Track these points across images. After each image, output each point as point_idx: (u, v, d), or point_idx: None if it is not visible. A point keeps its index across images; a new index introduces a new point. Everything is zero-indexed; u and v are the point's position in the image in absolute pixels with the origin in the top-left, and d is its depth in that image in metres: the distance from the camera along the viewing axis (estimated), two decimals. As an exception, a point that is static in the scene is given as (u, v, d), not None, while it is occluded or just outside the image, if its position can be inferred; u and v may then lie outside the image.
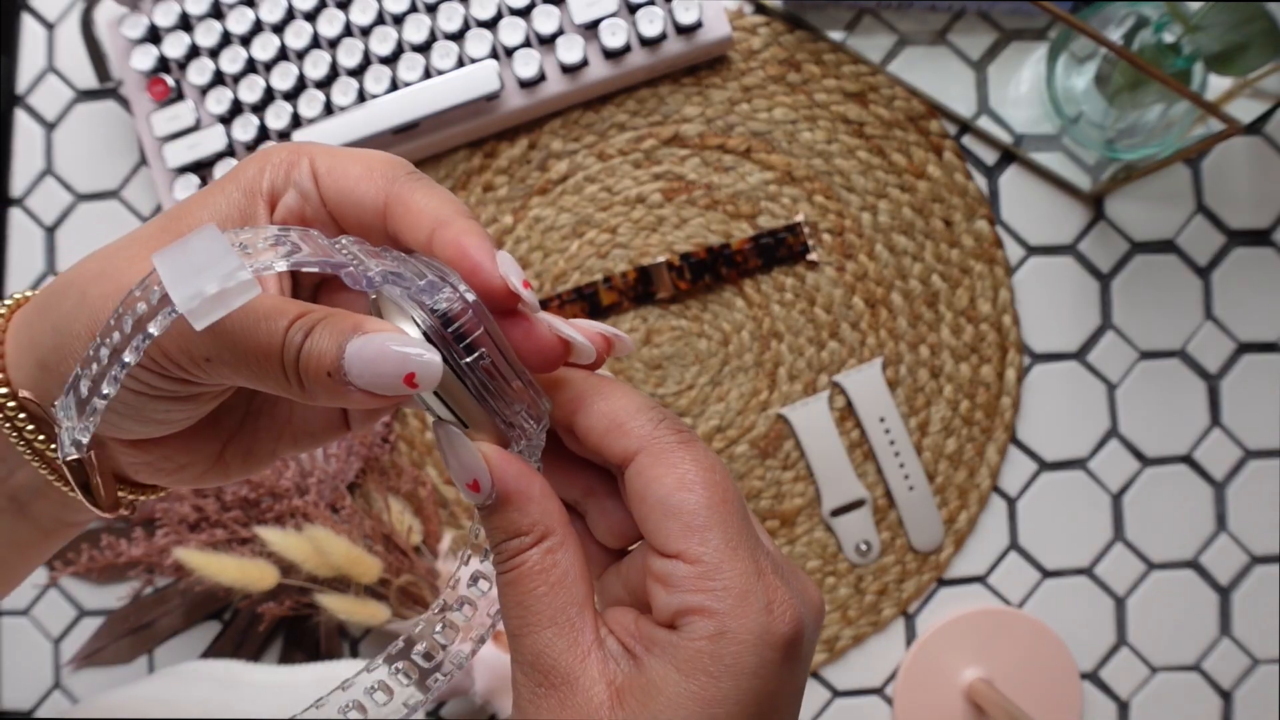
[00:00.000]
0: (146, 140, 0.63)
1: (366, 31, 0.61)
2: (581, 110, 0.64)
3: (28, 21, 0.66)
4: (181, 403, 0.26)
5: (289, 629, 0.64)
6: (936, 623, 0.63)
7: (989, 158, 0.64)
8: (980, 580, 0.64)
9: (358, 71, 0.61)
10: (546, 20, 0.60)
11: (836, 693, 0.64)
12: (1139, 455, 0.64)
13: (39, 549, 0.30)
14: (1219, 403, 0.64)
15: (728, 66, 0.64)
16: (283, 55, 0.61)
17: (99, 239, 0.66)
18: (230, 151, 0.62)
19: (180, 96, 0.62)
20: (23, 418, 0.26)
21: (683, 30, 0.61)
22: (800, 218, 0.63)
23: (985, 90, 0.64)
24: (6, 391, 0.26)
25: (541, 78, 0.61)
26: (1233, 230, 0.64)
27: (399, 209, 0.26)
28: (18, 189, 0.66)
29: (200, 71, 0.61)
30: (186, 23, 0.61)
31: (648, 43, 0.61)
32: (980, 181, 0.64)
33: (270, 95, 0.61)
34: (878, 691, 0.64)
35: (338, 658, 0.63)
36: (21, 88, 0.66)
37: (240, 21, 0.61)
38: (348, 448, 0.64)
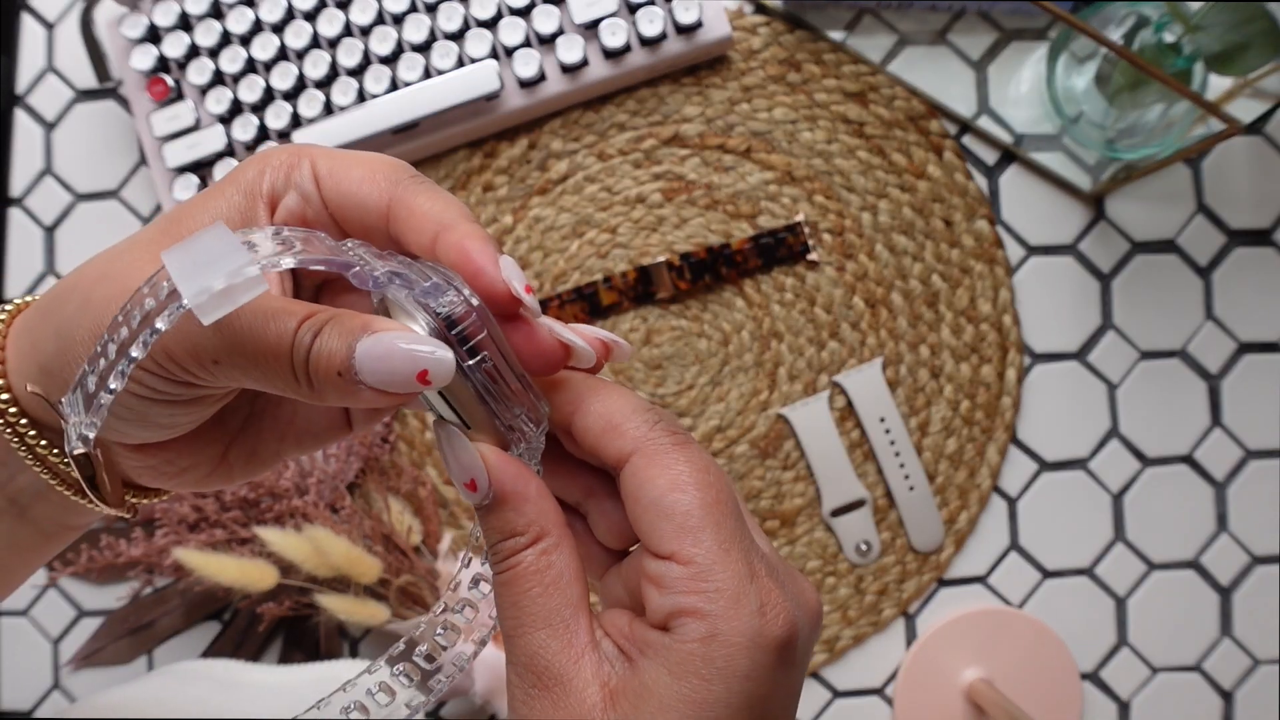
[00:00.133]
0: (146, 140, 0.63)
1: (366, 31, 0.61)
2: (581, 110, 0.64)
3: (27, 21, 0.66)
4: (186, 407, 0.26)
5: (289, 629, 0.64)
6: (936, 623, 0.63)
7: (989, 158, 0.64)
8: (980, 580, 0.64)
9: (357, 71, 0.61)
10: (546, 20, 0.60)
11: (836, 693, 0.64)
12: (1139, 455, 0.64)
13: (39, 552, 0.30)
14: (1219, 403, 0.64)
15: (728, 66, 0.64)
16: (282, 55, 0.61)
17: (98, 239, 0.66)
18: (230, 151, 0.62)
19: (180, 96, 0.62)
20: (25, 423, 0.26)
21: (683, 30, 0.61)
22: (800, 218, 0.63)
23: (985, 90, 0.64)
24: (8, 397, 0.26)
25: (541, 78, 0.61)
26: (1233, 230, 0.64)
27: (403, 212, 0.26)
28: (17, 189, 0.66)
29: (200, 71, 0.61)
30: (186, 22, 0.61)
31: (648, 43, 0.61)
32: (980, 181, 0.64)
33: (270, 95, 0.61)
34: (878, 692, 0.64)
35: (337, 658, 0.63)
36: (21, 87, 0.66)
37: (240, 21, 0.61)
38: (348, 448, 0.64)
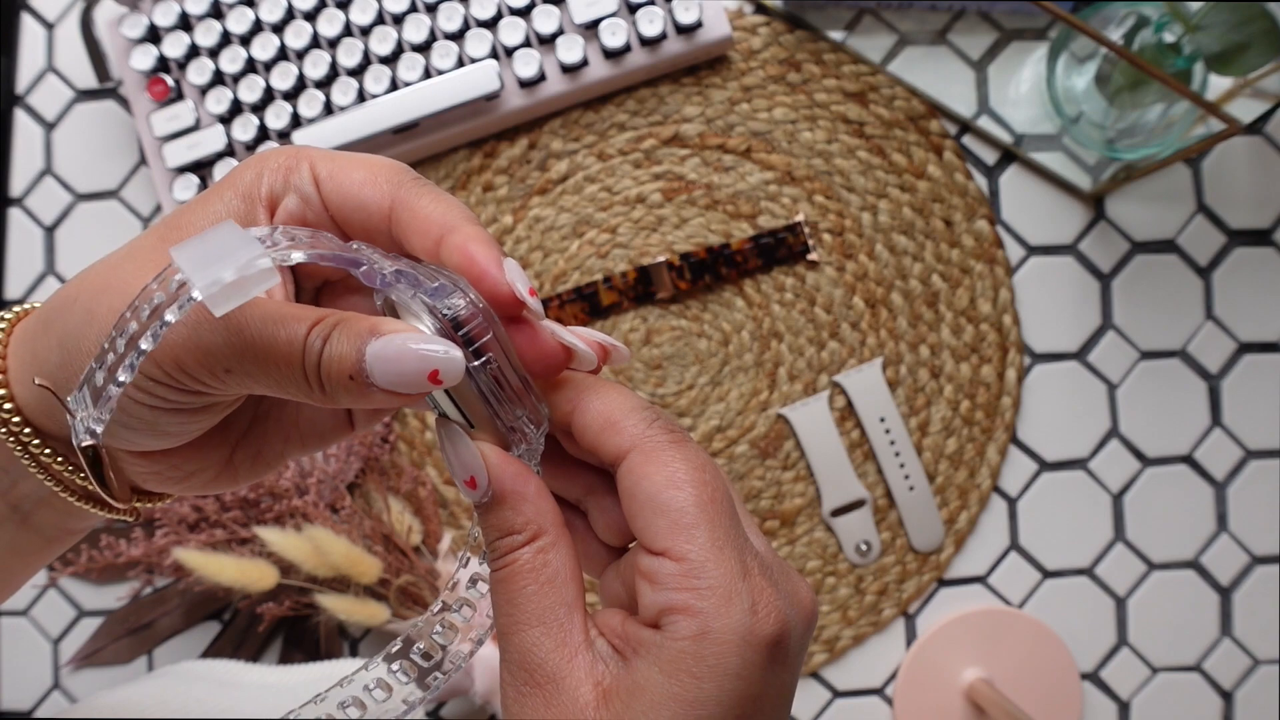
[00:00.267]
0: (146, 140, 0.63)
1: (366, 31, 0.61)
2: (581, 110, 0.64)
3: (27, 21, 0.66)
4: (196, 414, 0.26)
5: (289, 629, 0.64)
6: (936, 623, 0.63)
7: (989, 158, 0.64)
8: (980, 580, 0.64)
9: (357, 71, 0.61)
10: (546, 20, 0.60)
11: (836, 693, 0.64)
12: (1139, 455, 0.64)
13: (40, 556, 0.30)
14: (1219, 403, 0.64)
15: (728, 66, 0.64)
16: (282, 55, 0.61)
17: (98, 239, 0.66)
18: (230, 151, 0.62)
19: (180, 96, 0.62)
20: (28, 432, 0.26)
21: (683, 30, 0.61)
22: (800, 218, 0.63)
23: (985, 90, 0.64)
24: (11, 406, 0.26)
25: (541, 78, 0.61)
26: (1233, 230, 0.64)
27: (405, 214, 0.26)
28: (17, 189, 0.66)
29: (200, 71, 0.61)
30: (186, 22, 0.61)
31: (648, 43, 0.61)
32: (980, 181, 0.64)
33: (270, 95, 0.61)
34: (878, 692, 0.64)
35: (337, 658, 0.63)
36: (21, 87, 0.66)
37: (240, 21, 0.61)
38: (347, 448, 0.64)
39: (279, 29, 0.61)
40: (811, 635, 0.27)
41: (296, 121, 0.61)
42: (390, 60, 0.61)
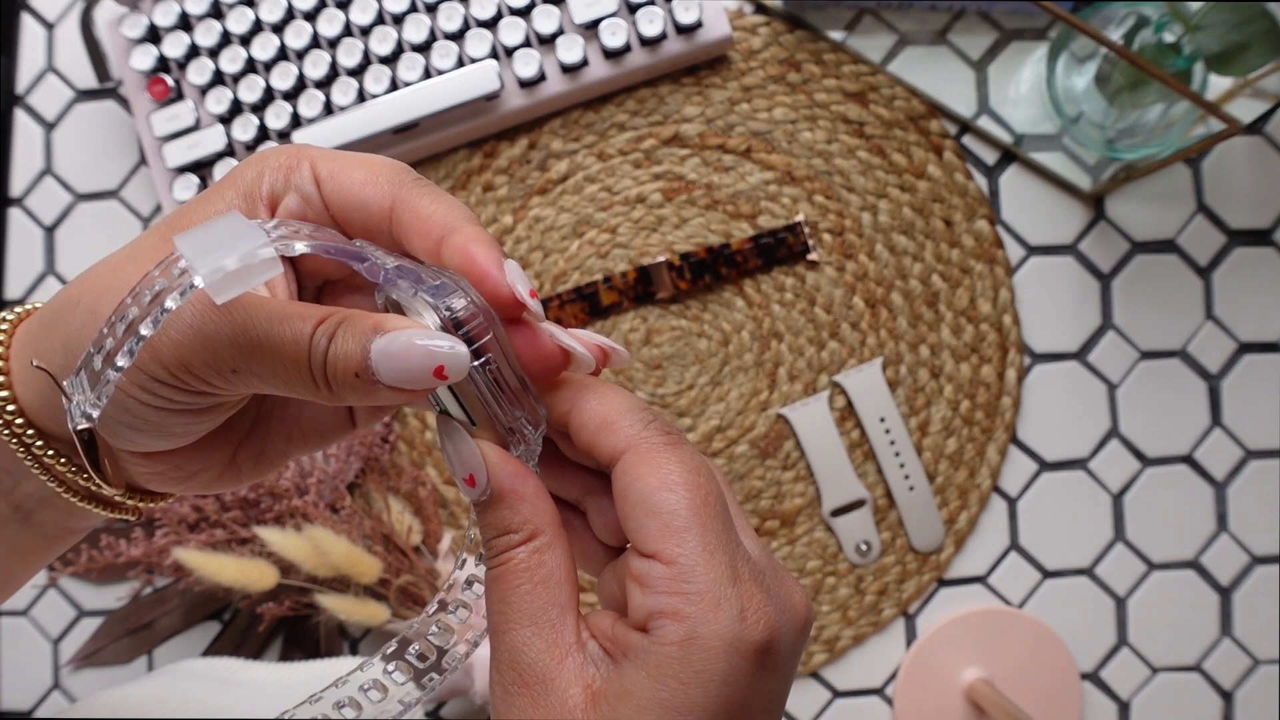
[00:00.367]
0: (146, 140, 0.63)
1: (366, 31, 0.61)
2: (581, 110, 0.64)
3: (27, 21, 0.66)
4: (202, 415, 0.26)
5: (289, 629, 0.64)
6: (936, 623, 0.63)
7: (989, 158, 0.64)
8: (980, 580, 0.64)
9: (357, 71, 0.61)
10: (546, 20, 0.60)
11: (836, 693, 0.64)
12: (1139, 455, 0.64)
13: (41, 555, 0.30)
14: (1219, 403, 0.64)
15: (728, 66, 0.64)
16: (282, 55, 0.61)
17: (98, 239, 0.66)
18: (230, 151, 0.62)
19: (180, 96, 0.62)
20: (31, 433, 0.26)
21: (683, 30, 0.61)
22: (800, 218, 0.63)
23: (985, 90, 0.64)
24: (14, 408, 0.26)
25: (541, 78, 0.61)
26: (1233, 230, 0.64)
27: (407, 215, 0.26)
28: (17, 189, 0.66)
29: (200, 71, 0.61)
30: (186, 22, 0.61)
31: (648, 43, 0.61)
32: (980, 181, 0.64)
33: (270, 95, 0.61)
34: (878, 692, 0.64)
35: (337, 657, 0.63)
36: (21, 87, 0.66)
37: (240, 21, 0.61)
38: (347, 448, 0.64)
39: (279, 29, 0.61)
40: (805, 642, 0.26)
41: (296, 121, 0.61)
42: (390, 60, 0.61)
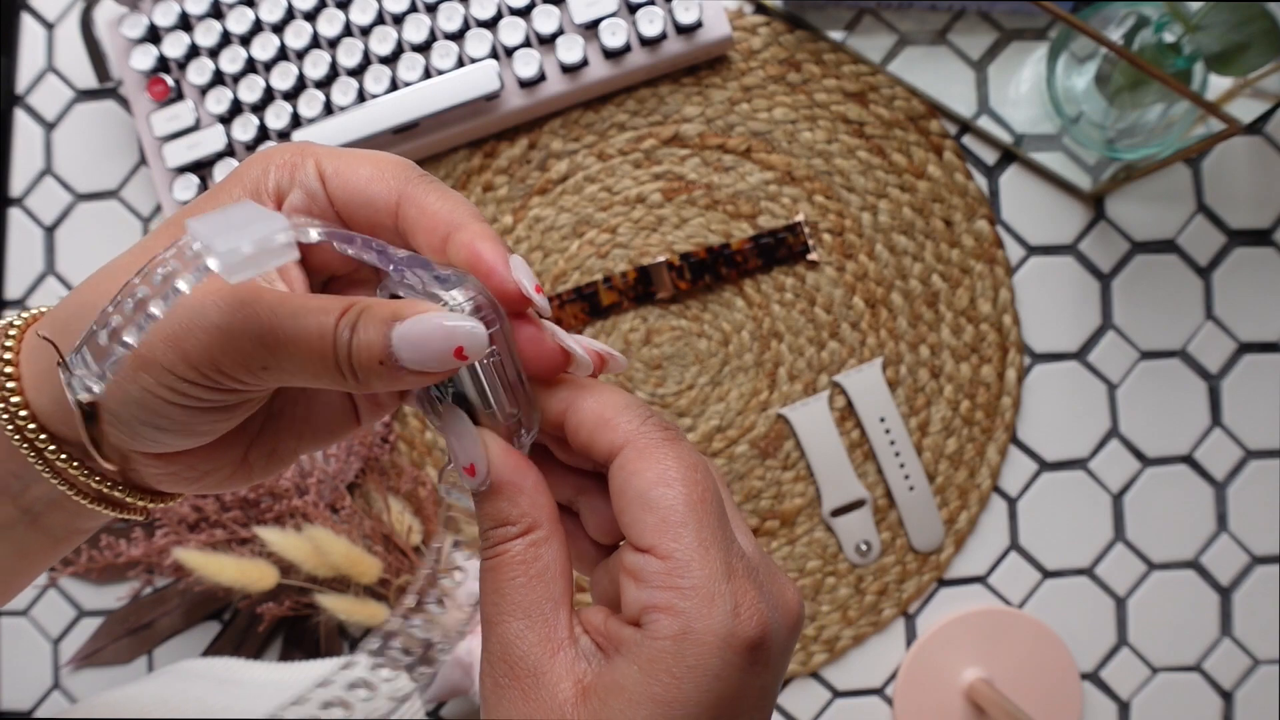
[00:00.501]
0: (146, 140, 0.63)
1: (366, 31, 0.61)
2: (581, 110, 0.64)
3: (27, 21, 0.66)
4: (228, 412, 0.26)
5: (289, 629, 0.64)
6: (936, 623, 0.63)
7: (989, 158, 0.64)
8: (980, 580, 0.64)
9: (358, 71, 0.61)
10: (546, 20, 0.60)
11: (836, 693, 0.64)
12: (1139, 455, 0.64)
13: (48, 556, 0.30)
14: (1219, 403, 0.64)
15: (728, 66, 0.64)
16: (282, 55, 0.61)
17: (98, 239, 0.66)
18: (230, 151, 0.62)
19: (180, 96, 0.62)
20: (44, 439, 0.26)
21: (683, 30, 0.61)
22: (800, 218, 0.63)
23: (985, 90, 0.64)
24: (26, 414, 0.26)
25: (541, 78, 0.61)
26: (1233, 230, 0.64)
27: (413, 211, 0.26)
28: (17, 189, 0.66)
29: (200, 71, 0.61)
30: (186, 22, 0.61)
31: (648, 43, 0.61)
32: (980, 181, 0.64)
33: (270, 95, 0.61)
34: (878, 692, 0.64)
35: (338, 657, 0.63)
36: (21, 87, 0.66)
37: (240, 21, 0.61)
38: (347, 448, 0.64)
39: (279, 29, 0.61)
40: (797, 639, 0.27)
41: (296, 121, 0.61)
42: (390, 60, 0.61)
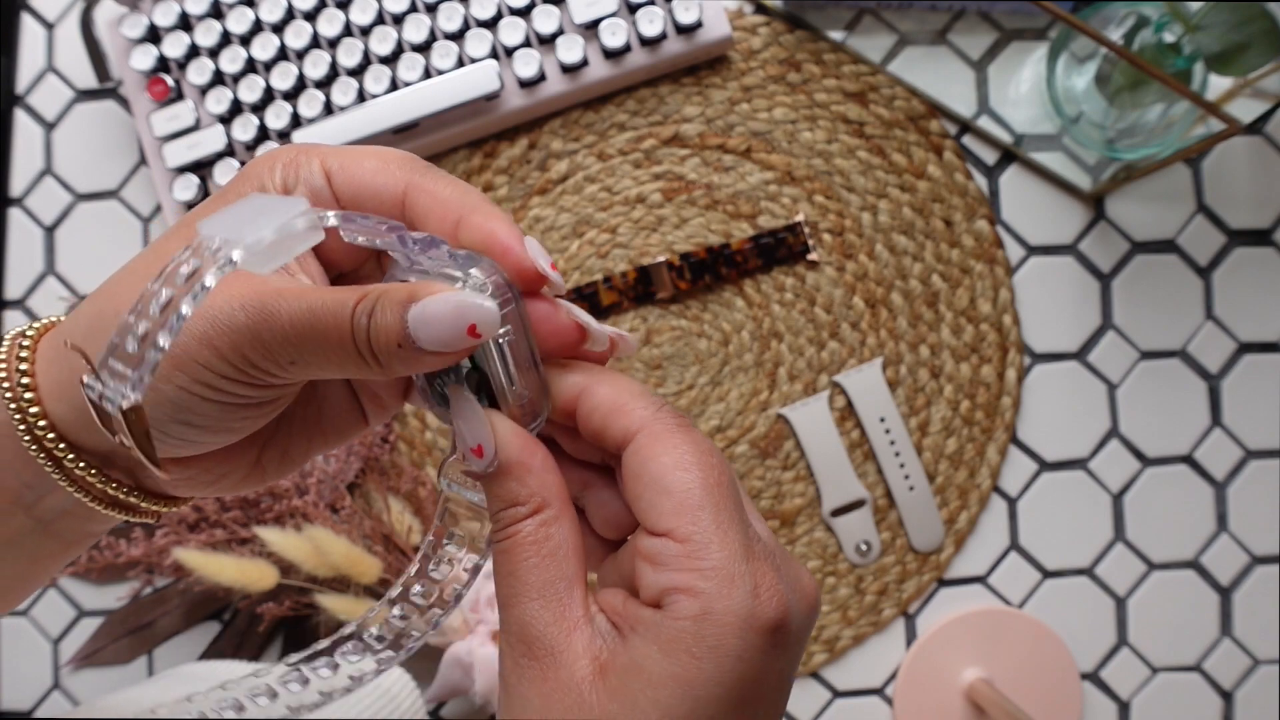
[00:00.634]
0: (146, 140, 0.63)
1: (366, 31, 0.61)
2: (581, 110, 0.64)
3: (27, 21, 0.66)
4: (261, 408, 0.26)
5: (289, 629, 0.64)
6: (936, 623, 0.63)
7: (989, 158, 0.64)
8: (980, 580, 0.64)
9: (357, 71, 0.61)
10: (546, 20, 0.60)
11: (836, 693, 0.64)
12: (1139, 455, 0.64)
13: (58, 560, 0.31)
14: (1219, 403, 0.64)
15: (728, 66, 0.64)
16: (282, 55, 0.61)
17: (98, 239, 0.66)
18: (230, 151, 0.62)
19: (180, 96, 0.62)
20: (63, 447, 0.26)
21: (683, 30, 0.61)
22: (800, 218, 0.63)
23: (985, 90, 0.64)
24: (46, 424, 0.26)
25: (541, 78, 0.61)
26: (1233, 230, 0.64)
27: (423, 198, 0.26)
28: (17, 189, 0.66)
29: (200, 71, 0.61)
30: (186, 22, 0.61)
31: (648, 43, 0.61)
32: (980, 181, 0.64)
33: (270, 95, 0.61)
34: (878, 692, 0.64)
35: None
36: (21, 87, 0.66)
37: (240, 21, 0.61)
38: (347, 448, 0.64)
39: (279, 29, 0.61)
40: (814, 623, 0.27)
41: (296, 121, 0.61)
42: (390, 60, 0.61)
